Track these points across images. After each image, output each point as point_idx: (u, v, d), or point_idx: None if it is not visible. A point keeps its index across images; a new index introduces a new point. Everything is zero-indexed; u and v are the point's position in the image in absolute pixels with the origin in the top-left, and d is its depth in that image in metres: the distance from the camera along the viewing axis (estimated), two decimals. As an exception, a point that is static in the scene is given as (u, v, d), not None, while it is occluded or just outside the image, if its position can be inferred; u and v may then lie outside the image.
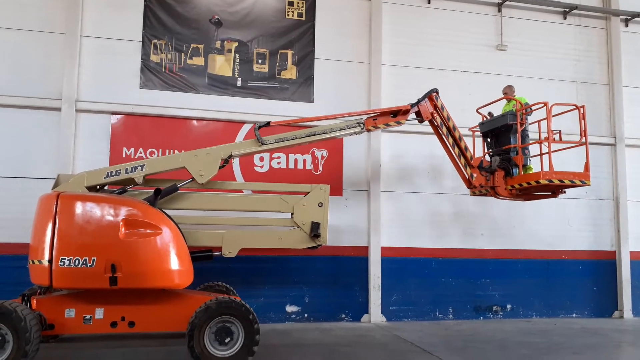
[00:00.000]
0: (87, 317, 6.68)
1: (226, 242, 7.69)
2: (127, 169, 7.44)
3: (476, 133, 10.17)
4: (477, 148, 10.06)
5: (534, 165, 9.22)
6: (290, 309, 10.69)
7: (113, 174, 7.41)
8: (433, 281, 11.29)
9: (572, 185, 8.60)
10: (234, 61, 10.96)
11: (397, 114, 8.65)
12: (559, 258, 11.95)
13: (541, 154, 8.87)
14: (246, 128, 10.83)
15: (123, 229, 6.51)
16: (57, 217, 6.44)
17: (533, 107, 9.01)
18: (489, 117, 9.67)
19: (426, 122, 9.05)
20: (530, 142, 9.06)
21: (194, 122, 10.69)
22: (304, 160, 11.04)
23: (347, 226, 10.99)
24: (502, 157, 9.01)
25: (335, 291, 10.88)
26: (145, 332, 7.03)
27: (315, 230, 7.95)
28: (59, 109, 9.96)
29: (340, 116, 8.72)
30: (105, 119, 10.28)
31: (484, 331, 10.07)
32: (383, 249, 11.07)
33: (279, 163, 10.93)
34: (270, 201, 8.12)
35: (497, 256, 11.59)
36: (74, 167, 9.94)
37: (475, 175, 8.96)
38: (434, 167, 11.57)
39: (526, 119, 9.06)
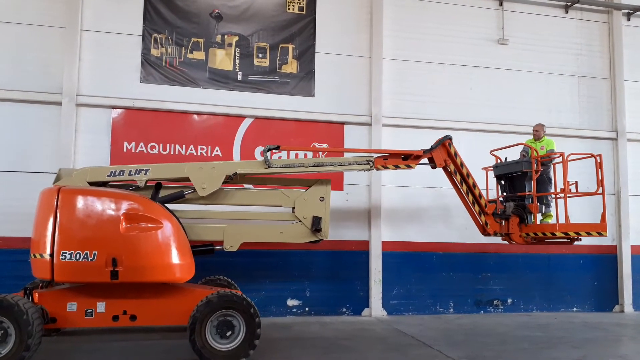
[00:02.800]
0: (89, 310, 6.69)
1: (227, 236, 7.70)
2: (130, 170, 7.40)
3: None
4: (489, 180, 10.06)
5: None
6: (291, 302, 10.72)
7: (116, 173, 7.38)
8: (434, 275, 11.32)
9: (589, 236, 8.54)
10: (235, 55, 10.94)
11: (409, 157, 8.50)
12: (560, 252, 11.95)
13: (556, 198, 8.82)
14: (247, 122, 10.83)
15: (124, 223, 6.51)
16: (58, 211, 6.43)
17: (551, 157, 8.95)
18: (504, 162, 9.51)
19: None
20: (546, 192, 8.95)
21: (195, 116, 10.68)
22: (305, 155, 11.02)
23: (348, 220, 11.00)
24: (516, 203, 8.89)
25: (336, 285, 10.90)
26: (147, 325, 7.05)
27: (316, 224, 7.96)
28: (59, 103, 9.96)
29: (351, 151, 8.60)
30: (106, 113, 10.28)
31: (485, 325, 10.09)
32: (384, 243, 11.08)
33: (279, 157, 10.89)
34: (271, 195, 8.13)
35: (498, 250, 11.57)
36: (75, 162, 9.95)
37: (489, 223, 8.83)
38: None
39: (542, 165, 8.94)
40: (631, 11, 12.83)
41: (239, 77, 10.93)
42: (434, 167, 8.78)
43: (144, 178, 7.35)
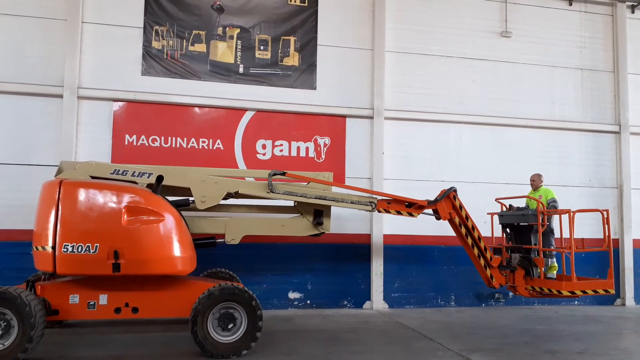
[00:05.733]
0: (91, 303, 6.71)
1: (229, 230, 7.71)
2: (134, 172, 7.35)
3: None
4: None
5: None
6: (292, 295, 10.74)
7: (120, 172, 7.33)
8: (435, 268, 11.32)
9: (595, 294, 8.47)
10: (236, 48, 10.90)
11: (412, 205, 8.40)
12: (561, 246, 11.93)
13: (562, 251, 8.66)
14: (248, 115, 10.81)
15: (125, 216, 6.52)
16: (59, 203, 6.43)
17: (557, 211, 8.84)
18: (509, 209, 9.41)
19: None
20: (551, 248, 8.86)
21: (196, 109, 10.66)
22: (307, 148, 11.02)
23: (349, 214, 10.91)
24: (522, 255, 8.82)
25: (337, 278, 10.92)
26: (149, 318, 7.07)
27: (317, 218, 7.97)
28: (60, 96, 9.94)
29: (355, 189, 8.41)
30: (107, 106, 10.26)
31: (486, 318, 10.11)
32: (385, 236, 11.07)
33: (281, 151, 10.91)
34: None
35: (499, 244, 11.56)
36: (77, 154, 9.94)
37: (494, 276, 8.73)
38: (436, 156, 11.60)
39: (549, 218, 8.86)
40: (635, 3, 12.74)
41: (241, 70, 10.89)
42: (438, 218, 8.63)
43: (145, 181, 7.28)
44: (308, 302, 10.76)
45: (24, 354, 6.19)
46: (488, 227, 9.94)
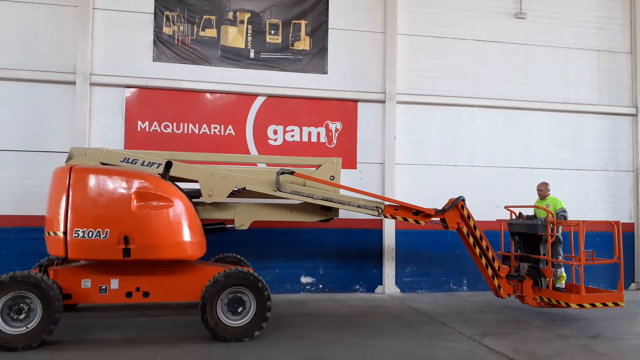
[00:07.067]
0: (102, 287, 6.81)
1: (238, 215, 7.76)
2: (144, 161, 7.36)
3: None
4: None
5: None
6: (305, 280, 10.79)
7: (130, 160, 7.34)
8: (447, 253, 11.25)
9: (605, 307, 8.30)
10: (247, 32, 10.85)
11: (420, 213, 8.32)
12: (576, 230, 11.77)
13: (572, 264, 8.53)
14: (260, 100, 10.79)
15: (135, 202, 6.58)
16: (70, 189, 6.51)
17: (567, 223, 8.67)
18: (518, 217, 9.26)
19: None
20: (560, 259, 8.66)
21: (208, 95, 10.67)
22: (318, 133, 10.99)
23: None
24: (530, 265, 8.71)
25: (349, 263, 10.94)
26: (160, 302, 7.15)
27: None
28: (73, 83, 10.01)
29: (362, 193, 8.21)
30: (120, 93, 10.31)
31: (498, 303, 10.04)
32: (397, 221, 11.00)
33: (292, 136, 10.89)
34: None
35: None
36: (90, 141, 10.03)
37: (502, 286, 8.62)
38: (449, 140, 11.48)
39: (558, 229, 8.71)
40: (655, -18, 12.41)
41: (252, 55, 10.85)
42: (446, 227, 8.56)
43: (154, 171, 7.27)
44: (320, 286, 10.81)
45: (48, 336, 6.37)
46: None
